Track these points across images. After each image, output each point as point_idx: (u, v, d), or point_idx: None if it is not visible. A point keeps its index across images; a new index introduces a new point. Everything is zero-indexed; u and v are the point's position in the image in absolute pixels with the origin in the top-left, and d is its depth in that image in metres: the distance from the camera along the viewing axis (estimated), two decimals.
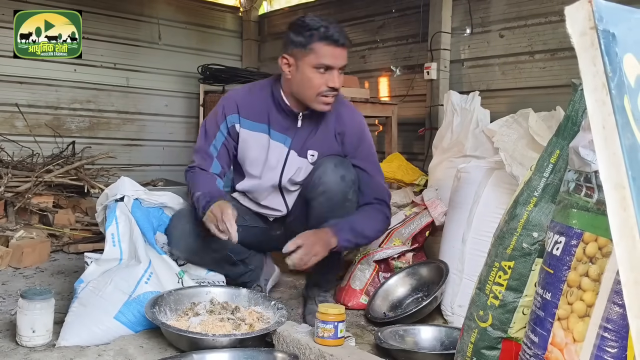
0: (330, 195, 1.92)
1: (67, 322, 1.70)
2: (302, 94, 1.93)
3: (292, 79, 1.93)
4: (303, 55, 1.87)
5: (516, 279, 1.30)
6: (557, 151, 1.28)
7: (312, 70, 1.87)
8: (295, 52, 1.89)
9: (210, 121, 2.09)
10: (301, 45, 1.87)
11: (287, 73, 1.93)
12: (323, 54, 1.86)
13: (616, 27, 0.50)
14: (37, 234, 2.87)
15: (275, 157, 2.04)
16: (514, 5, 3.66)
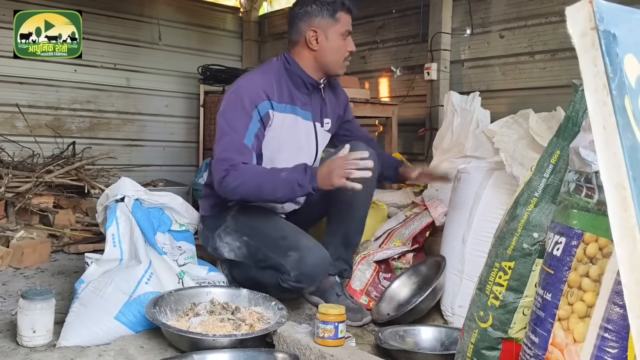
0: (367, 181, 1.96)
1: (68, 322, 1.70)
2: (332, 61, 2.06)
3: (320, 49, 2.03)
4: (331, 25, 2.02)
5: (516, 279, 1.30)
6: (557, 152, 1.28)
7: (340, 37, 2.04)
8: (322, 23, 2.02)
9: (236, 115, 1.94)
10: (329, 15, 2.02)
11: (315, 44, 2.03)
12: (346, 21, 2.05)
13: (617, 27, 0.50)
14: (38, 235, 2.87)
15: (305, 135, 2.11)
16: (514, 5, 3.66)
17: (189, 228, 2.20)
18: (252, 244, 2.00)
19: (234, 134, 1.91)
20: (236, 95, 1.98)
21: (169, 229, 2.12)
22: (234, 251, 2.06)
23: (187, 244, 2.16)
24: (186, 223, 2.19)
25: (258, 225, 2.01)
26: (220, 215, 2.10)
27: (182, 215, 2.18)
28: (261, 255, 1.97)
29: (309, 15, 2.02)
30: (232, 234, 2.05)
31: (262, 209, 2.07)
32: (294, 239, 1.93)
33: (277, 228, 2.00)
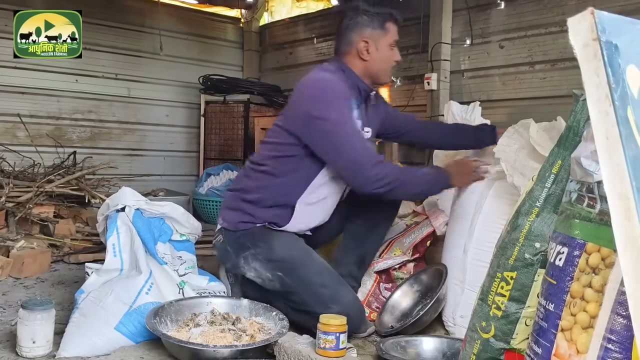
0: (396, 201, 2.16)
1: (68, 332, 1.69)
2: (381, 70, 2.11)
3: (370, 59, 2.07)
4: (381, 35, 2.06)
5: (519, 289, 1.29)
6: (559, 161, 1.28)
7: (388, 47, 2.09)
8: (373, 34, 2.06)
9: (346, 115, 1.94)
10: (379, 26, 2.06)
11: (367, 54, 2.06)
12: (394, 31, 2.11)
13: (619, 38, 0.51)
14: (38, 244, 2.87)
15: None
16: (513, 16, 3.68)
17: (189, 238, 2.20)
18: (288, 282, 1.91)
19: (356, 133, 1.96)
20: (333, 95, 1.94)
21: (170, 238, 2.11)
22: (262, 279, 1.97)
23: (187, 253, 2.16)
24: (187, 233, 2.19)
25: (296, 265, 1.93)
26: (248, 234, 2.00)
27: (182, 225, 2.17)
28: (296, 298, 1.89)
29: (360, 26, 2.06)
30: (264, 264, 1.95)
31: (294, 238, 2.03)
32: (335, 289, 1.89)
33: (317, 272, 1.92)
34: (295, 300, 1.90)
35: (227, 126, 4.94)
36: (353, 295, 1.94)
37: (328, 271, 1.96)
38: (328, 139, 1.90)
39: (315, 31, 5.16)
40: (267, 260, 1.94)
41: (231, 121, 4.90)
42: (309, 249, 2.02)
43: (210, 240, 3.46)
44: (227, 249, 2.04)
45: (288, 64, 5.39)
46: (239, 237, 2.00)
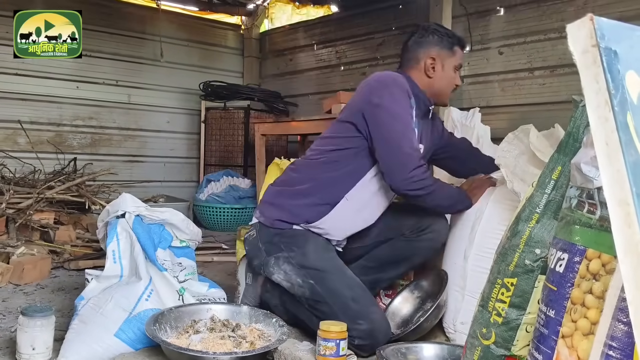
0: (435, 243, 2.13)
1: (67, 339, 1.69)
2: (442, 90, 2.14)
3: (435, 77, 2.10)
4: (448, 56, 2.11)
5: (519, 296, 1.29)
6: (558, 167, 1.28)
7: (453, 69, 2.13)
8: (441, 53, 2.10)
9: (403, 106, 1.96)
10: (448, 48, 2.11)
11: (432, 71, 2.10)
12: (460, 56, 2.16)
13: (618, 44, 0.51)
14: (38, 251, 2.87)
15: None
16: (512, 22, 3.69)
17: (189, 244, 2.19)
18: (318, 291, 1.88)
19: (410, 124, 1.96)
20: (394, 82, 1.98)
21: (170, 245, 2.11)
22: (291, 283, 1.94)
23: (187, 260, 2.15)
24: (187, 239, 2.18)
25: (329, 275, 1.90)
26: (284, 235, 1.98)
27: (182, 232, 2.17)
28: (325, 309, 1.86)
29: (429, 43, 2.10)
30: (297, 269, 1.92)
31: (329, 248, 2.02)
32: (365, 305, 1.87)
33: (349, 286, 1.90)
34: (323, 310, 1.87)
35: (227, 132, 4.95)
36: (382, 315, 1.91)
37: (360, 287, 1.93)
38: (383, 126, 1.92)
39: (315, 38, 5.17)
40: (299, 266, 1.92)
41: (231, 127, 4.91)
42: (341, 261, 2.01)
43: (210, 247, 3.48)
44: (258, 246, 2.01)
45: (288, 71, 5.40)
46: (274, 237, 1.99)
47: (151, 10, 5.05)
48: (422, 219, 2.10)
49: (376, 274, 2.14)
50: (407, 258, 2.13)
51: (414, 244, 2.10)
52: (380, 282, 2.19)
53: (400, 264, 2.15)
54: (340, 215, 2.00)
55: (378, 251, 2.16)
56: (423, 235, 2.09)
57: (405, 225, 2.12)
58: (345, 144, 1.99)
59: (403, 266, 2.16)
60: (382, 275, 2.15)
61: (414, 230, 2.10)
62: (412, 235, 2.10)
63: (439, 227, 2.11)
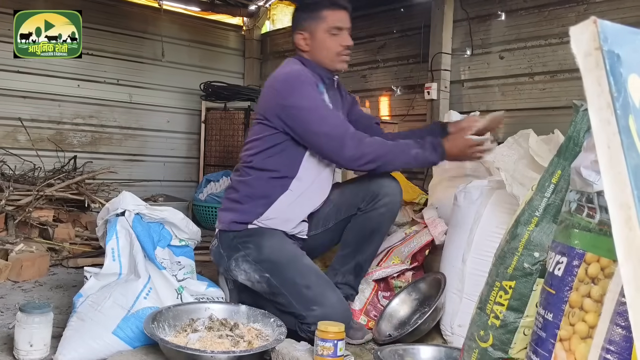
0: (392, 207, 2.10)
1: (65, 336, 1.69)
2: (324, 58, 2.08)
3: (310, 50, 2.08)
4: (315, 25, 2.06)
5: (517, 299, 1.29)
6: (558, 171, 1.29)
7: (327, 35, 2.06)
8: (307, 25, 2.07)
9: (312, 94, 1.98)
10: (311, 18, 2.06)
11: (305, 46, 2.09)
12: (332, 18, 2.06)
13: (621, 48, 0.51)
14: (37, 248, 2.87)
15: None
16: (513, 27, 3.70)
17: (188, 243, 2.19)
18: (274, 284, 1.91)
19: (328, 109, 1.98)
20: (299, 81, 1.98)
21: (169, 243, 2.11)
22: (251, 281, 1.98)
23: (186, 259, 2.15)
24: (186, 238, 2.19)
25: (282, 265, 1.92)
26: (240, 235, 2.01)
27: (182, 231, 2.17)
28: (282, 300, 1.90)
29: (296, 20, 2.12)
30: (253, 265, 1.95)
31: (284, 240, 2.01)
32: (319, 291, 1.86)
33: (302, 274, 1.90)
34: (281, 302, 1.91)
35: (227, 133, 4.95)
36: (338, 298, 1.89)
37: (314, 272, 1.94)
38: (303, 123, 1.95)
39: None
40: (255, 262, 1.95)
41: (231, 128, 4.91)
42: (297, 250, 2.02)
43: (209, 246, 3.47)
44: (220, 252, 2.06)
45: None
46: (232, 239, 2.02)
47: (153, 10, 5.06)
48: (371, 187, 2.09)
49: (355, 257, 2.12)
50: (374, 230, 2.10)
51: (373, 214, 2.08)
52: (363, 264, 2.16)
53: (371, 238, 2.12)
54: (286, 203, 2.02)
55: (346, 236, 2.15)
56: (379, 202, 2.07)
57: (358, 198, 2.10)
58: (271, 141, 2.01)
59: (375, 238, 2.13)
60: (360, 256, 2.13)
61: (368, 201, 2.08)
62: (369, 206, 2.08)
63: (390, 190, 2.09)
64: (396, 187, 2.10)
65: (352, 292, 2.15)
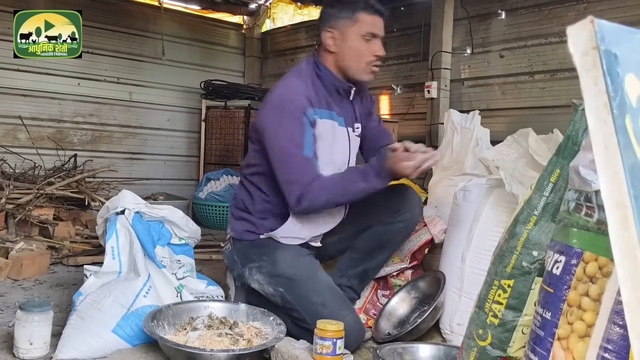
0: (410, 224, 2.11)
1: (65, 334, 1.69)
2: (351, 65, 1.94)
3: (338, 52, 1.94)
4: (349, 26, 1.90)
5: (516, 297, 1.29)
6: (557, 170, 1.29)
7: (360, 39, 1.91)
8: (339, 24, 1.91)
9: (288, 127, 1.85)
10: (346, 17, 1.90)
11: (333, 46, 1.93)
12: (368, 22, 1.91)
13: (618, 47, 0.51)
14: (37, 246, 2.87)
15: (341, 142, 2.01)
16: (513, 26, 3.70)
17: (188, 242, 2.20)
18: (288, 299, 1.88)
19: (295, 149, 1.83)
20: (281, 107, 1.88)
21: (169, 242, 2.11)
22: (264, 292, 1.95)
23: (186, 257, 2.16)
24: (186, 237, 2.19)
25: (297, 282, 1.88)
26: (254, 245, 1.98)
27: (181, 229, 2.17)
28: (297, 315, 1.87)
29: (327, 16, 1.95)
30: (267, 278, 1.92)
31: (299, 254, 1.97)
32: (335, 309, 1.82)
33: (318, 291, 1.87)
34: (295, 316, 1.88)
35: (227, 131, 4.95)
36: (353, 318, 1.87)
37: (330, 290, 1.91)
38: (271, 152, 1.87)
39: (317, 38, 5.18)
40: (269, 275, 1.92)
41: (232, 126, 4.91)
42: (313, 265, 1.97)
43: (209, 245, 3.48)
44: (234, 259, 2.03)
45: None
46: (246, 248, 1.99)
47: (154, 8, 5.06)
48: (395, 202, 2.08)
49: (364, 264, 2.13)
50: (388, 241, 2.11)
51: (392, 227, 2.07)
52: (370, 271, 2.17)
53: (383, 249, 2.12)
54: (300, 219, 1.96)
55: (360, 241, 2.12)
56: (399, 217, 2.06)
57: (380, 211, 2.09)
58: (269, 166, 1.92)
59: (386, 250, 2.14)
60: (369, 263, 2.13)
61: (389, 214, 2.07)
62: (389, 219, 2.07)
63: (412, 206, 2.10)
64: (418, 203, 2.12)
65: (354, 296, 2.15)
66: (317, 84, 1.97)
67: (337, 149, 2.01)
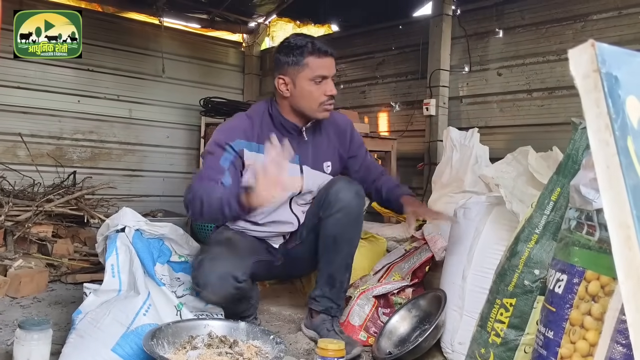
0: (348, 211, 2.02)
1: (64, 353, 1.68)
2: (304, 107, 2.03)
3: (291, 96, 2.03)
4: (298, 71, 1.99)
5: (518, 316, 1.29)
6: (558, 189, 1.30)
7: (310, 83, 1.99)
8: (289, 70, 2.00)
9: (214, 146, 2.01)
10: (294, 63, 1.98)
11: (286, 92, 2.02)
12: (317, 66, 1.98)
13: (619, 70, 0.52)
14: (36, 264, 2.86)
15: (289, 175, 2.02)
16: (511, 44, 3.73)
17: (188, 259, 2.19)
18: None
19: (212, 158, 1.97)
20: (218, 134, 2.05)
21: (168, 260, 2.11)
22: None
23: (185, 275, 2.15)
24: (185, 254, 2.19)
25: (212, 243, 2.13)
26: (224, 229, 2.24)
27: (181, 247, 2.17)
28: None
29: (277, 63, 2.03)
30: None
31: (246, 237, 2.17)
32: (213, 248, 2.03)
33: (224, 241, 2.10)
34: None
35: None
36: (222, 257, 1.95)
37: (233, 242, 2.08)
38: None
39: None
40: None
41: None
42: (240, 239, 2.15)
43: None
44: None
45: None
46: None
47: (154, 26, 5.10)
48: (327, 195, 2.04)
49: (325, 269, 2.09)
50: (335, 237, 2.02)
51: (330, 220, 2.03)
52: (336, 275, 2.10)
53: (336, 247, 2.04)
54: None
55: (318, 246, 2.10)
56: (333, 208, 2.01)
57: (318, 207, 2.09)
58: None
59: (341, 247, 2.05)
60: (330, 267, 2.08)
61: (325, 208, 2.04)
62: (325, 213, 2.04)
63: (343, 195, 2.01)
64: (347, 191, 2.02)
65: (331, 305, 2.11)
66: (265, 122, 2.09)
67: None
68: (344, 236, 2.05)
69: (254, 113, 2.13)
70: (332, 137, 2.21)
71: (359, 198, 2.05)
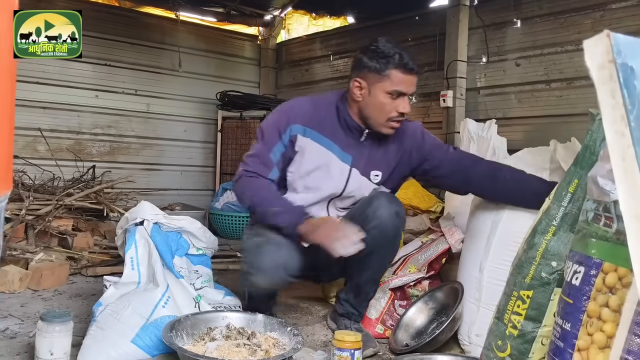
0: (384, 229, 1.94)
1: (85, 345, 1.71)
2: (372, 117, 1.97)
3: (362, 101, 1.97)
4: (377, 80, 1.91)
5: (535, 308, 1.29)
6: (575, 180, 1.29)
7: (385, 95, 1.91)
8: (369, 76, 1.92)
9: (270, 128, 2.01)
10: (376, 70, 1.90)
11: (358, 95, 1.96)
12: (398, 80, 1.90)
13: (634, 60, 0.52)
14: (56, 257, 2.90)
15: (337, 172, 2.04)
16: (529, 34, 3.69)
17: (206, 252, 2.21)
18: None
19: (262, 145, 2.00)
20: (281, 111, 2.07)
21: (187, 252, 2.13)
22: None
23: (204, 267, 2.17)
24: (203, 247, 2.21)
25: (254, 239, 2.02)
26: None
27: (199, 240, 2.19)
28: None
29: (360, 64, 1.94)
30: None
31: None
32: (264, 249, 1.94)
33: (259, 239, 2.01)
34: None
35: (243, 142, 4.99)
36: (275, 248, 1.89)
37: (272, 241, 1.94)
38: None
39: (332, 49, 5.21)
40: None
41: (247, 137, 4.95)
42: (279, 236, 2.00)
43: (226, 255, 3.50)
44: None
45: (304, 81, 5.44)
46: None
47: (170, 21, 5.13)
48: (366, 210, 1.99)
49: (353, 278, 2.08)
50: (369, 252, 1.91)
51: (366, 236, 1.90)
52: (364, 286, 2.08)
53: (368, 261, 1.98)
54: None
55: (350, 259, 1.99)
56: (370, 225, 1.93)
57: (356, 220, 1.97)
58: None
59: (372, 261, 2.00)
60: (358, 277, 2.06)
61: (362, 223, 1.93)
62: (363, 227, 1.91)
63: (380, 212, 1.94)
64: (387, 209, 1.95)
65: (352, 311, 2.11)
66: (330, 114, 2.04)
67: (320, 177, 2.03)
68: (378, 253, 1.97)
69: (321, 101, 2.08)
70: (391, 148, 2.09)
71: (397, 218, 1.96)
